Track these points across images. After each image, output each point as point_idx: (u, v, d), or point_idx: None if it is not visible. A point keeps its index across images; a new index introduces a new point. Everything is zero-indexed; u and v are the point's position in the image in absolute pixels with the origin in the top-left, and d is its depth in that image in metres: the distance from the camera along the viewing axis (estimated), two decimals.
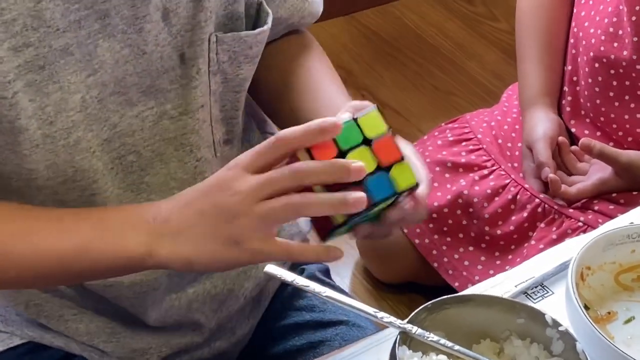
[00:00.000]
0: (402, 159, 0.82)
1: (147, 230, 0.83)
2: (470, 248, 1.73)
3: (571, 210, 1.62)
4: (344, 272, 1.93)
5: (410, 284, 1.86)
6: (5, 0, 0.83)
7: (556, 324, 0.83)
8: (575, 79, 1.66)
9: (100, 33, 0.87)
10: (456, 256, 1.73)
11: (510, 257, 1.68)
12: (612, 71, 1.58)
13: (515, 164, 1.71)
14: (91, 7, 0.86)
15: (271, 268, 0.84)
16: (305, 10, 1.06)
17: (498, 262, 1.70)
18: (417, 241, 1.74)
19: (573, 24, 1.66)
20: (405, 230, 1.75)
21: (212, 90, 0.95)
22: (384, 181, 0.81)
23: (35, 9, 0.84)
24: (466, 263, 1.72)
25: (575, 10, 1.66)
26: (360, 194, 0.79)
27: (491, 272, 1.68)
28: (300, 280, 0.83)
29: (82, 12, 0.86)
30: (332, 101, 1.00)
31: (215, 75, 0.95)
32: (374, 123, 0.82)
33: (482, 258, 1.71)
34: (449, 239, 1.73)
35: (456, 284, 1.71)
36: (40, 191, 0.91)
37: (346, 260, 1.95)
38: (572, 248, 0.98)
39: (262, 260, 0.83)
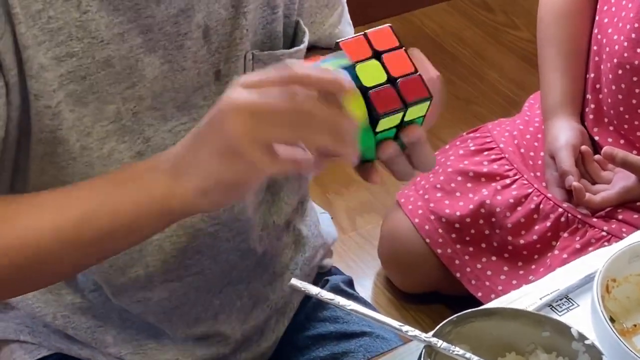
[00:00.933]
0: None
1: (164, 169, 0.78)
2: (493, 258, 1.72)
3: (595, 219, 1.62)
4: (366, 282, 1.92)
5: (432, 294, 1.85)
6: (53, 8, 0.83)
7: (582, 337, 0.83)
8: (598, 86, 1.65)
9: (142, 47, 0.88)
10: (479, 266, 1.72)
11: (533, 266, 1.68)
12: (635, 78, 1.57)
13: (538, 174, 1.71)
14: (135, 21, 0.87)
15: (296, 281, 0.84)
16: (334, 37, 1.05)
17: (521, 272, 1.69)
18: (439, 251, 1.74)
19: (596, 31, 1.65)
20: (428, 240, 1.74)
21: None
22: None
23: (80, 20, 0.85)
24: (489, 273, 1.72)
25: (597, 18, 1.66)
26: (345, 78, 0.74)
27: (514, 282, 1.68)
28: (324, 294, 0.83)
29: (126, 25, 0.86)
30: None
31: None
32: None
33: (505, 268, 1.71)
34: (471, 248, 1.73)
35: (479, 294, 1.71)
36: None
37: (368, 271, 1.95)
38: (597, 260, 0.97)
39: (271, 170, 0.75)
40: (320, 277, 1.16)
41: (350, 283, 1.20)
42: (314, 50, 1.06)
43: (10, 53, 0.83)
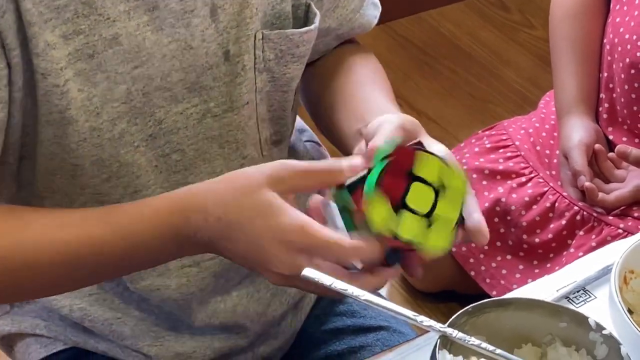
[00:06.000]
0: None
1: (192, 245, 0.82)
2: (508, 256, 1.71)
3: (610, 217, 1.61)
4: None
5: (447, 293, 1.85)
6: None
7: (600, 327, 0.82)
8: (611, 85, 1.65)
9: (149, 25, 0.88)
10: (494, 264, 1.72)
11: (548, 265, 1.67)
12: None
13: (554, 172, 1.70)
14: None
15: (309, 272, 0.83)
16: (356, 22, 1.06)
17: (536, 271, 1.68)
18: (454, 249, 1.73)
19: (609, 30, 1.65)
20: None
21: (258, 88, 0.95)
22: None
23: None
24: (504, 272, 1.71)
25: (610, 17, 1.65)
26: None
27: (529, 280, 1.66)
28: (338, 284, 0.83)
29: (132, 2, 0.87)
30: (369, 105, 0.98)
31: (261, 74, 0.95)
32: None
33: (520, 266, 1.70)
34: (486, 247, 1.72)
35: (494, 292, 1.70)
36: (84, 190, 0.92)
37: None
38: (614, 252, 0.97)
39: None
40: None
41: None
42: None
43: (12, 31, 0.82)
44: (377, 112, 0.90)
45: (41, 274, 0.84)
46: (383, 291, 1.89)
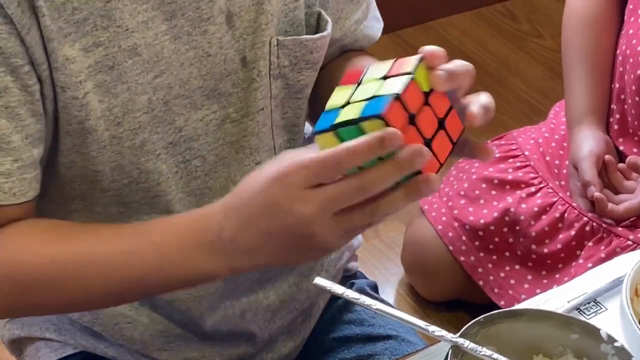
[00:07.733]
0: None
1: (219, 251, 0.81)
2: (517, 266, 1.71)
3: (620, 228, 1.61)
4: (388, 289, 1.92)
5: (455, 302, 1.85)
6: None
7: (611, 339, 0.82)
8: (622, 97, 1.65)
9: (167, 34, 0.89)
10: (502, 274, 1.72)
11: (557, 276, 1.67)
12: None
13: (563, 182, 1.70)
14: (158, 8, 0.88)
15: (321, 280, 0.84)
16: (360, 33, 1.06)
17: (545, 281, 1.68)
18: (462, 258, 1.73)
19: (622, 41, 1.65)
20: (451, 248, 1.74)
21: (273, 95, 0.96)
22: None
23: (105, 9, 0.86)
24: (512, 282, 1.71)
25: (624, 29, 1.65)
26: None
27: (538, 291, 1.66)
28: (350, 293, 0.83)
29: (150, 13, 0.88)
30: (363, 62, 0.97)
31: (276, 80, 0.96)
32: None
33: (529, 277, 1.70)
34: (495, 257, 1.72)
35: (502, 302, 1.70)
36: (104, 193, 0.93)
37: (391, 278, 1.95)
38: (625, 263, 0.97)
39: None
40: (346, 280, 1.17)
41: (375, 288, 1.20)
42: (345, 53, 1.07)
43: (39, 47, 0.84)
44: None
45: (81, 287, 0.87)
46: (390, 301, 1.88)
